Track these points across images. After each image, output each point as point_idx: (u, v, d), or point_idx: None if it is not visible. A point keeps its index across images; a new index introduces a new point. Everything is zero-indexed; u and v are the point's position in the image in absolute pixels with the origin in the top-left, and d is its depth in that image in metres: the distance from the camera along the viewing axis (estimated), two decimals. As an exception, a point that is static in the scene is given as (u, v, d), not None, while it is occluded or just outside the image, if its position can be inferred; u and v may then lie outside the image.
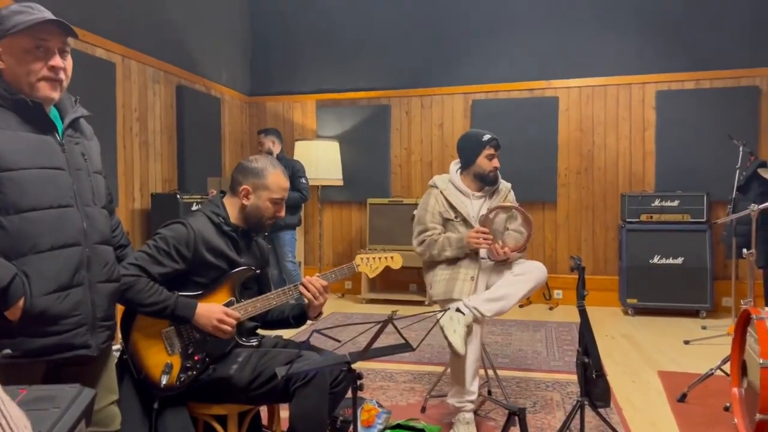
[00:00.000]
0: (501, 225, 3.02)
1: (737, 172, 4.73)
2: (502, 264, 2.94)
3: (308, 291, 2.18)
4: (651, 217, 5.47)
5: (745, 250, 3.71)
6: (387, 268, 2.49)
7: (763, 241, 4.27)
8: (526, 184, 5.74)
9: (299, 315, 2.30)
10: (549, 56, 6.04)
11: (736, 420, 2.93)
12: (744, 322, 2.98)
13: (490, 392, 3.36)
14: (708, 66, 5.65)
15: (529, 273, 2.85)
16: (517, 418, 2.24)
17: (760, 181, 4.62)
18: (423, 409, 3.17)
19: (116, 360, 2.01)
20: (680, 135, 5.67)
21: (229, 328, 2.06)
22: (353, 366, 1.85)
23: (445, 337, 2.70)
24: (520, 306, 5.79)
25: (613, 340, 4.60)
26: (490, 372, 3.34)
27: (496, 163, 3.01)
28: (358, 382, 1.81)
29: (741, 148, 4.74)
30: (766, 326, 2.69)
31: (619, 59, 5.88)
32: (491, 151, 2.99)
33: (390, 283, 6.28)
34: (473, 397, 2.79)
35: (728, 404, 3.09)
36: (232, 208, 2.22)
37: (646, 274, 5.39)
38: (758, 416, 2.61)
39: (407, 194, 6.39)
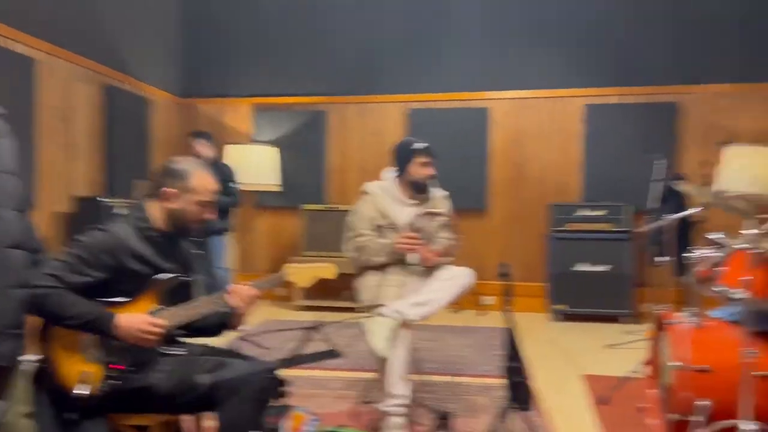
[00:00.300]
0: (432, 231, 3.07)
1: (657, 184, 4.97)
2: (432, 269, 2.99)
3: (235, 299, 2.13)
4: (578, 226, 5.67)
5: (657, 258, 3.90)
6: (320, 278, 2.46)
7: (680, 249, 4.49)
8: (459, 192, 5.77)
9: (223, 323, 2.24)
10: (483, 68, 6.20)
11: (652, 420, 3.07)
12: (658, 326, 3.13)
13: (419, 397, 3.39)
14: (631, 82, 5.92)
15: (456, 278, 2.91)
16: (444, 421, 2.28)
17: (677, 192, 4.87)
18: (354, 416, 3.17)
19: (32, 369, 1.91)
20: (607, 147, 5.91)
21: (154, 338, 2.00)
22: (280, 373, 1.83)
23: (370, 343, 2.72)
24: (453, 312, 5.88)
25: (540, 345, 4.73)
26: (420, 377, 3.37)
27: (429, 170, 3.06)
28: (284, 389, 1.79)
29: (659, 161, 4.98)
30: (676, 330, 2.84)
31: (549, 73, 6.09)
32: (423, 158, 3.04)
33: (324, 289, 6.21)
34: (402, 401, 2.81)
35: (645, 405, 3.24)
36: (156, 212, 2.16)
37: (572, 281, 5.58)
38: (670, 416, 2.74)
39: (343, 201, 6.37)
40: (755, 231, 2.68)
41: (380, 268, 2.98)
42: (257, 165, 6.02)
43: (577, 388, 3.72)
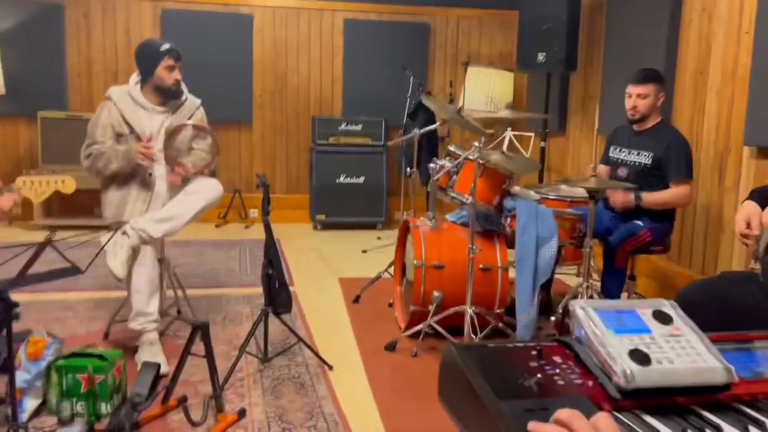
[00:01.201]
0: (185, 143, 2.94)
1: (408, 100, 5.32)
2: (182, 183, 2.89)
3: None
4: (338, 140, 5.88)
5: (408, 169, 4.25)
6: (57, 193, 2.29)
7: (425, 161, 4.94)
8: (221, 103, 5.61)
9: None
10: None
11: (396, 313, 3.44)
12: (404, 230, 3.46)
13: (179, 312, 3.35)
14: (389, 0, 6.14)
15: (201, 191, 2.85)
16: (201, 331, 2.29)
17: (426, 109, 5.28)
18: (106, 336, 3.04)
19: None
20: (364, 63, 6.10)
21: None
22: (8, 296, 1.66)
23: (108, 264, 2.61)
24: (216, 226, 5.79)
25: (302, 253, 4.92)
26: (179, 292, 3.30)
27: (176, 75, 2.87)
28: (14, 311, 1.63)
29: (411, 79, 5.32)
30: (419, 233, 3.17)
31: (312, -17, 6.02)
32: (170, 62, 2.85)
33: (70, 207, 5.67)
34: (153, 317, 2.75)
35: (391, 301, 3.61)
36: None
37: (333, 192, 5.82)
38: (412, 308, 3.10)
39: (88, 108, 5.73)
40: (482, 144, 3.05)
41: (123, 183, 2.79)
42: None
43: (334, 291, 3.98)
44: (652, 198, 3.15)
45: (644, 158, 3.24)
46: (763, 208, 1.87)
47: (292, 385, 2.63)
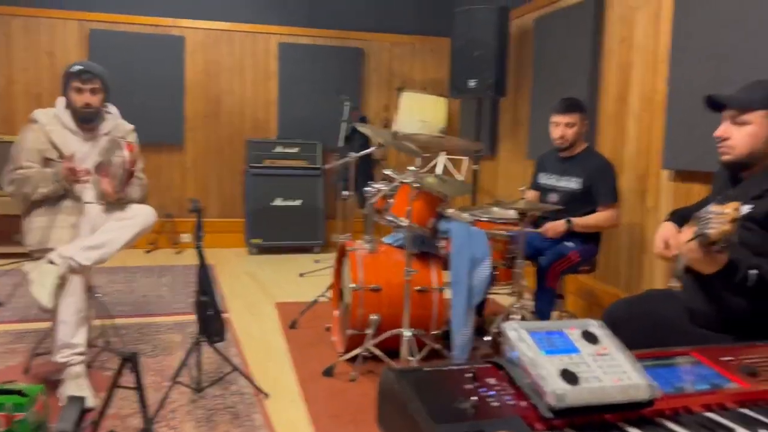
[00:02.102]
0: (117, 165, 2.84)
1: (343, 124, 5.35)
2: (113, 209, 2.79)
3: None
4: (273, 162, 5.83)
5: (344, 192, 4.27)
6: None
7: (362, 185, 4.96)
8: (151, 125, 5.49)
9: None
10: (176, -7, 5.81)
11: (334, 337, 3.42)
12: (341, 253, 3.46)
13: (107, 342, 3.21)
14: (323, 24, 6.17)
15: (134, 217, 2.77)
16: (130, 363, 2.20)
17: (361, 133, 5.32)
18: (26, 370, 2.87)
19: None
20: (299, 86, 6.11)
21: None
22: None
23: (33, 293, 2.48)
24: (146, 251, 5.61)
25: (237, 278, 4.82)
26: (107, 321, 3.17)
27: (86, 98, 2.76)
28: None
29: (347, 104, 5.36)
30: (356, 256, 3.17)
31: (245, 6, 5.99)
32: (77, 83, 2.75)
33: (-12, 234, 5.37)
34: (80, 350, 2.62)
35: (329, 325, 3.58)
36: None
37: (268, 215, 5.76)
38: (349, 331, 3.09)
39: (9, 131, 5.47)
40: (418, 168, 3.10)
41: (50, 207, 2.67)
42: None
43: (270, 316, 3.91)
44: (582, 222, 3.29)
45: (574, 184, 3.37)
46: (680, 228, 1.97)
47: (227, 415, 2.56)
